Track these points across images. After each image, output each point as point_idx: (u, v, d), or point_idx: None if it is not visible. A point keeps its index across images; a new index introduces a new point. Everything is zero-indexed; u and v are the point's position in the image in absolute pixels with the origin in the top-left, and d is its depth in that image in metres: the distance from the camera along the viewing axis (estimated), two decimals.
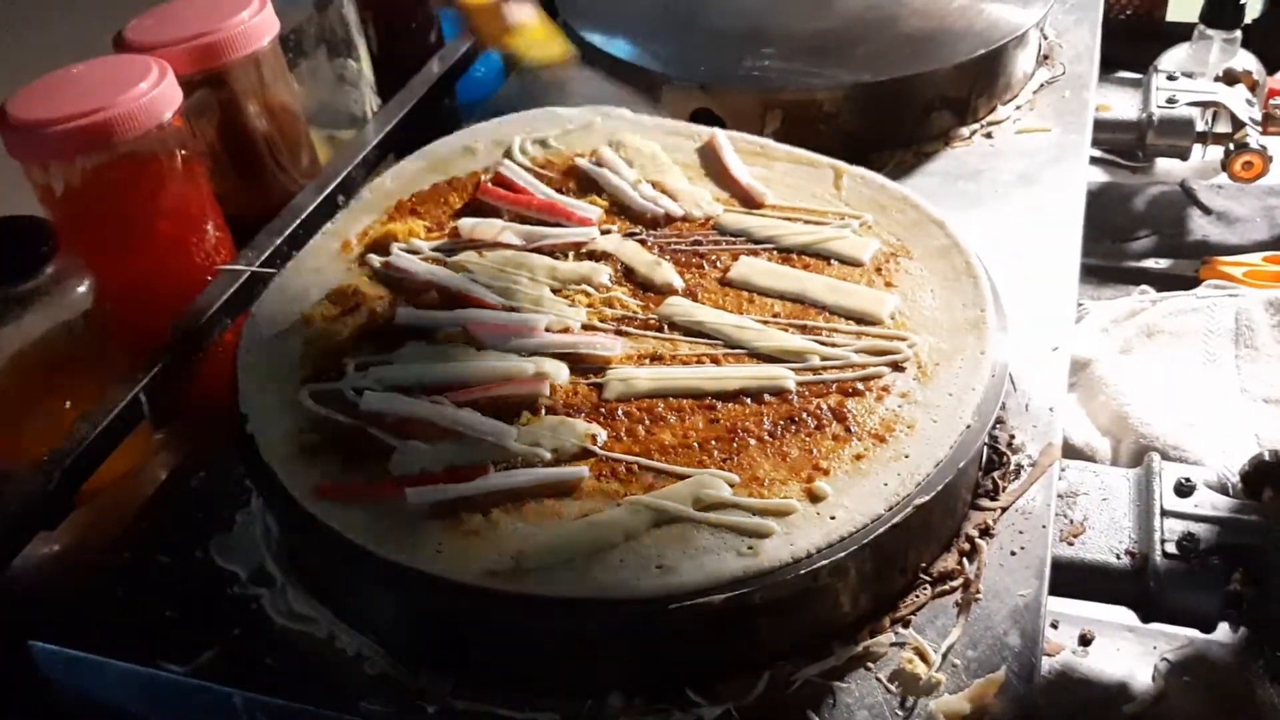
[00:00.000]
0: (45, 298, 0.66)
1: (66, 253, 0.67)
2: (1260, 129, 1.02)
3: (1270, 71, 1.11)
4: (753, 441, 0.56)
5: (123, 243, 0.72)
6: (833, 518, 0.52)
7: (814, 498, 0.53)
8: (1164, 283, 0.97)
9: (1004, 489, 0.60)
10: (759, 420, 0.57)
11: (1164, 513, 0.62)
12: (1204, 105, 1.02)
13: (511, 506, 0.53)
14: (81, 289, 0.67)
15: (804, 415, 0.57)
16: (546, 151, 0.77)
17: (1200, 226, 1.00)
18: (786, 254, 0.68)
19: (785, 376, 0.59)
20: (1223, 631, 0.62)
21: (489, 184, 0.74)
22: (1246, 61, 1.10)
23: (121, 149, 0.69)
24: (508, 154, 0.77)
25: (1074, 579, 0.61)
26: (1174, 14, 1.22)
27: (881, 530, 0.51)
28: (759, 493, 0.53)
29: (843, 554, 0.51)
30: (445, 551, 0.51)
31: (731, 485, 0.54)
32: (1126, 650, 0.67)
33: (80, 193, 0.70)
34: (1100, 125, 0.98)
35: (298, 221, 0.78)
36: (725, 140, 0.77)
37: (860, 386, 0.58)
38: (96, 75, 0.71)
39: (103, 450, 0.62)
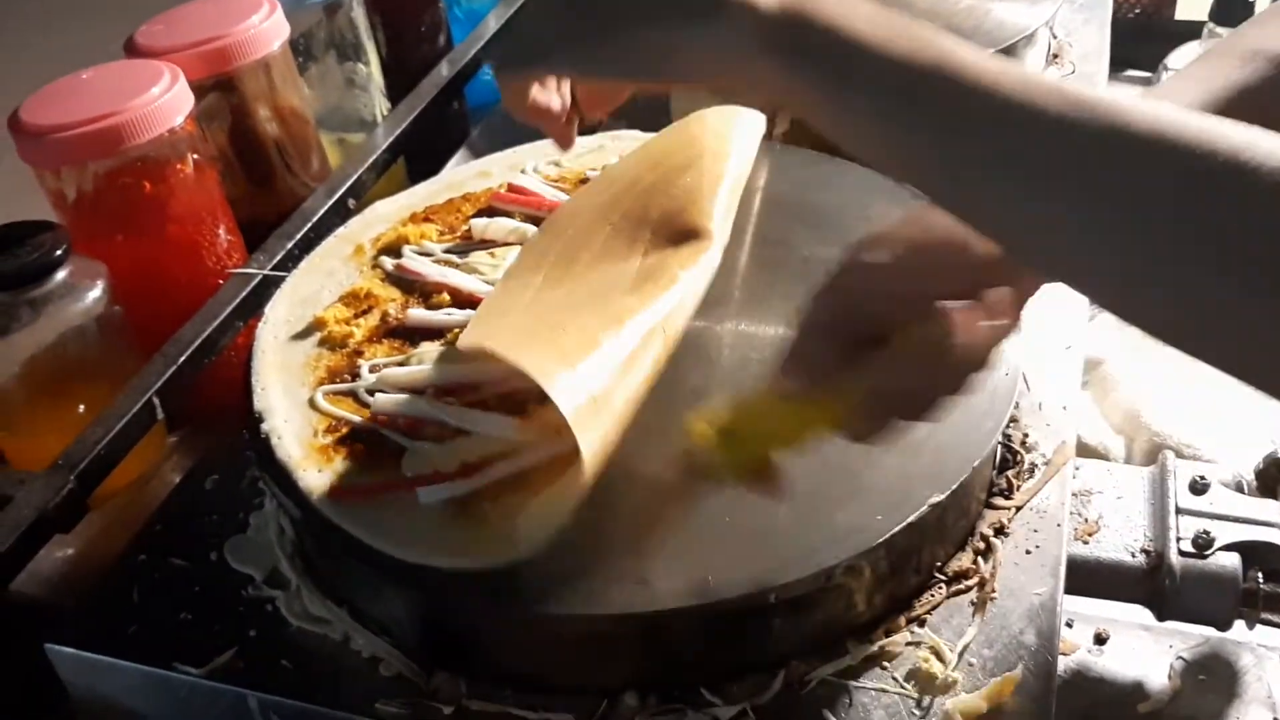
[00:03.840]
0: (58, 302, 0.66)
1: (79, 257, 0.67)
2: None
3: None
4: None
5: (135, 247, 0.72)
6: None
7: None
8: None
9: (1018, 487, 0.60)
10: None
11: (1179, 511, 0.62)
12: None
13: (521, 488, 0.53)
14: (94, 293, 0.67)
15: None
16: (560, 170, 0.77)
17: None
18: None
19: None
20: (1239, 630, 0.61)
21: (502, 192, 0.74)
22: None
23: (133, 154, 0.69)
24: (521, 172, 0.77)
25: (1089, 577, 0.61)
26: (1182, 12, 1.21)
27: (896, 529, 0.51)
28: None
29: (857, 553, 0.51)
30: (458, 551, 0.51)
31: None
32: (1142, 649, 0.67)
33: (92, 197, 0.70)
34: None
35: (308, 225, 0.78)
36: None
37: None
38: (108, 80, 0.72)
39: (117, 453, 0.63)
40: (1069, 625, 0.69)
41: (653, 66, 0.45)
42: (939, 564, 0.56)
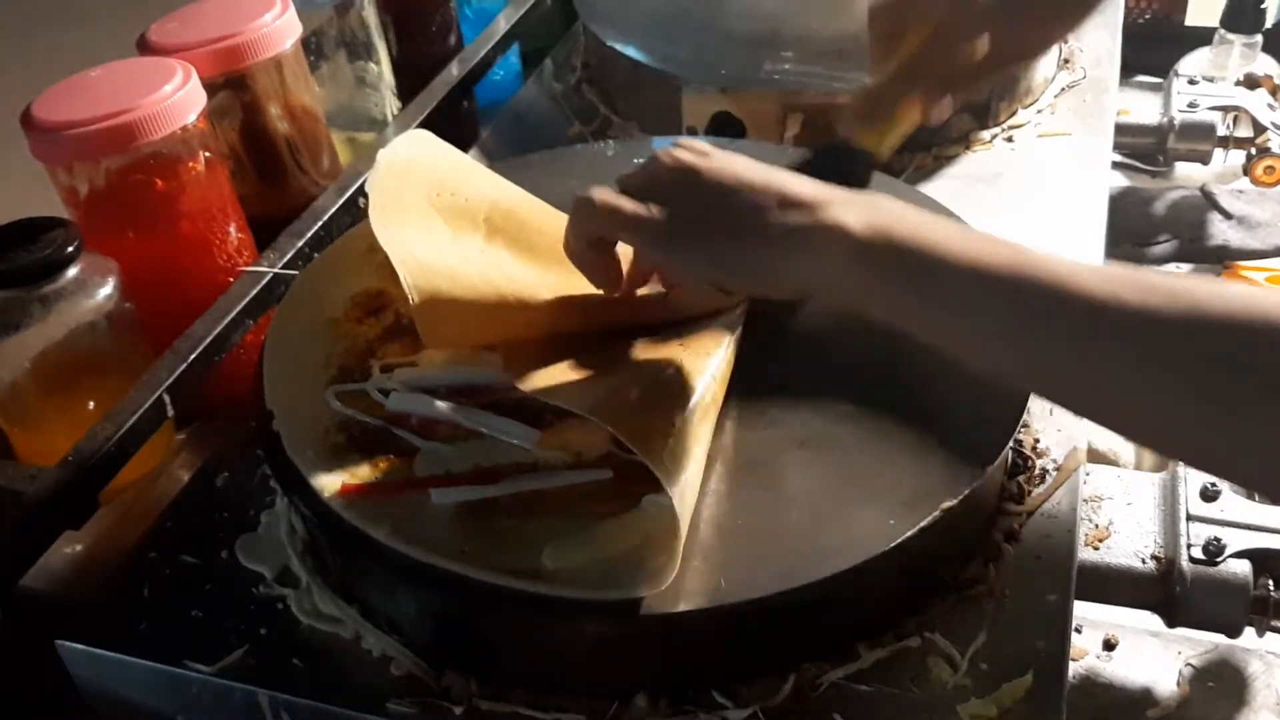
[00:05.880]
0: (69, 298, 0.66)
1: (90, 254, 0.67)
2: None
3: None
4: None
5: (146, 244, 0.72)
6: None
7: None
8: None
9: (1029, 493, 0.60)
10: None
11: (1190, 518, 0.62)
12: (1225, 109, 1.01)
13: (536, 507, 0.53)
14: (105, 290, 0.67)
15: None
16: None
17: (1221, 231, 1.00)
18: None
19: None
20: (1248, 637, 0.61)
21: None
22: (1267, 66, 1.09)
23: (146, 151, 0.69)
24: None
25: (1099, 584, 0.61)
26: (1194, 18, 1.21)
27: (908, 534, 0.51)
28: None
29: (870, 557, 0.51)
30: (470, 552, 0.51)
31: None
32: (1151, 655, 0.67)
33: (104, 194, 0.70)
34: (1121, 129, 0.98)
35: (319, 223, 0.78)
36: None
37: None
38: (120, 77, 0.72)
39: (127, 450, 0.62)
40: (1078, 631, 0.69)
41: (759, 283, 0.52)
42: (950, 569, 0.56)
